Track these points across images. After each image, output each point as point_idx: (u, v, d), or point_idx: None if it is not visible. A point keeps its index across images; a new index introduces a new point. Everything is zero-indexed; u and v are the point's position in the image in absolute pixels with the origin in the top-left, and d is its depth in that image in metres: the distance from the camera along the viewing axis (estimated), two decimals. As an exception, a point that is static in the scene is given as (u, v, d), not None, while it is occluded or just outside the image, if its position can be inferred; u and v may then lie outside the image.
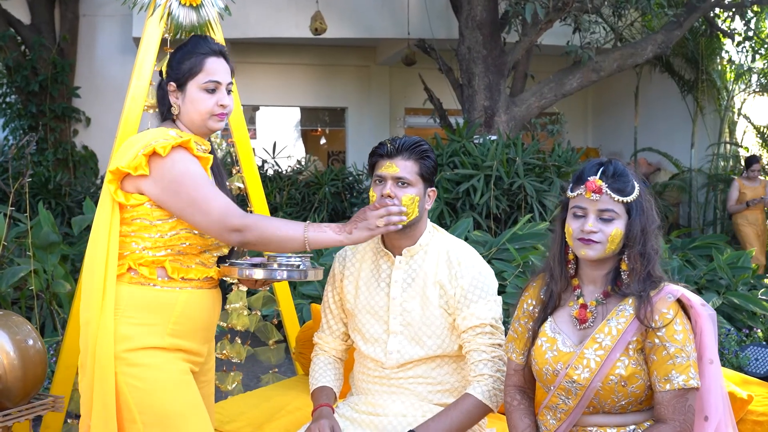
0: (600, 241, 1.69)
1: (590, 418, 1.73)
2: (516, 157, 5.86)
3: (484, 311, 2.02)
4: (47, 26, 8.34)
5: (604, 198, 1.69)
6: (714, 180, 7.87)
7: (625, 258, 1.71)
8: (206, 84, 1.89)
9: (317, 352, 2.25)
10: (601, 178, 1.70)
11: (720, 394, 1.66)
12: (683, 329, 1.66)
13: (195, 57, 1.91)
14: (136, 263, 1.80)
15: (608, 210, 1.69)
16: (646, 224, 1.70)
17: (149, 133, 1.86)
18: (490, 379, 1.98)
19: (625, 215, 1.70)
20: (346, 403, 2.17)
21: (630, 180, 1.72)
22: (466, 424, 1.96)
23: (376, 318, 2.11)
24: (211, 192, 1.80)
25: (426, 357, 2.07)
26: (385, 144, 2.07)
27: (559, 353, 1.75)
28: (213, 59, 1.92)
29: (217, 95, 1.91)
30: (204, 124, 1.92)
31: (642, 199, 1.72)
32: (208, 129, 1.93)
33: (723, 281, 5.02)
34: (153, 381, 1.75)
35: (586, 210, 1.71)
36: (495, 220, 5.88)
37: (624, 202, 1.70)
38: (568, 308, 1.79)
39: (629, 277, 1.71)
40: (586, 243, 1.70)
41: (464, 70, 6.62)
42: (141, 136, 1.86)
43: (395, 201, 1.99)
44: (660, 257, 1.72)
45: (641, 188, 1.73)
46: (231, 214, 1.78)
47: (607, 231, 1.69)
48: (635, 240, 1.69)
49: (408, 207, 2.01)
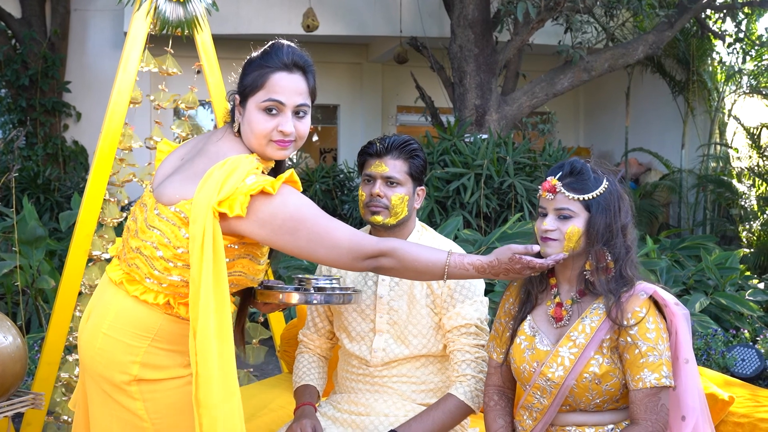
0: (557, 239, 1.71)
1: (567, 417, 1.74)
2: (506, 156, 5.86)
3: (470, 312, 2.02)
4: (38, 20, 8.28)
5: (559, 197, 1.72)
6: (704, 181, 7.89)
7: (589, 256, 1.72)
8: (265, 103, 1.67)
9: (302, 349, 2.24)
10: (558, 178, 1.73)
11: (697, 394, 1.67)
12: (656, 327, 1.66)
13: (261, 70, 1.69)
14: (176, 301, 1.67)
15: (564, 209, 1.71)
16: (611, 222, 1.71)
17: (234, 162, 1.62)
18: (473, 380, 1.99)
19: (585, 213, 1.71)
20: (329, 401, 2.16)
21: (590, 177, 1.72)
22: (448, 424, 1.96)
23: (362, 316, 2.10)
24: (332, 223, 1.64)
25: (411, 356, 2.07)
26: (374, 143, 2.07)
27: (537, 351, 1.76)
28: (281, 74, 1.69)
29: (279, 118, 1.68)
30: (262, 150, 1.70)
31: (609, 196, 1.72)
32: (267, 156, 1.72)
33: (711, 282, 5.04)
34: (167, 396, 1.70)
35: (545, 209, 1.75)
36: (485, 219, 5.88)
37: (581, 200, 1.71)
38: (546, 307, 1.81)
39: (595, 274, 1.72)
40: (545, 241, 1.73)
41: (456, 69, 6.62)
42: (227, 167, 1.61)
43: (384, 218, 2.01)
44: (631, 256, 1.72)
45: (610, 186, 1.74)
46: (361, 242, 1.66)
47: (563, 229, 1.71)
48: (598, 237, 1.70)
49: (397, 206, 2.02)
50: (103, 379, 1.68)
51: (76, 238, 2.64)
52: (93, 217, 2.67)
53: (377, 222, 2.04)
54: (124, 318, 1.68)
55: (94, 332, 1.70)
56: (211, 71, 2.89)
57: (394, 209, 2.03)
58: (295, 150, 1.75)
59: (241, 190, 1.57)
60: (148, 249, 1.66)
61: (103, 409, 1.70)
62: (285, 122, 1.67)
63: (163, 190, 1.69)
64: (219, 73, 2.92)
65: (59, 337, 2.62)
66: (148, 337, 1.67)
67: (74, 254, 2.65)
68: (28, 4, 8.24)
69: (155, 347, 1.67)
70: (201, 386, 1.55)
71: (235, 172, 1.60)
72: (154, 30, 2.75)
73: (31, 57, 8.10)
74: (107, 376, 1.67)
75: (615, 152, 9.52)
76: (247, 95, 1.70)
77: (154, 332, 1.67)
